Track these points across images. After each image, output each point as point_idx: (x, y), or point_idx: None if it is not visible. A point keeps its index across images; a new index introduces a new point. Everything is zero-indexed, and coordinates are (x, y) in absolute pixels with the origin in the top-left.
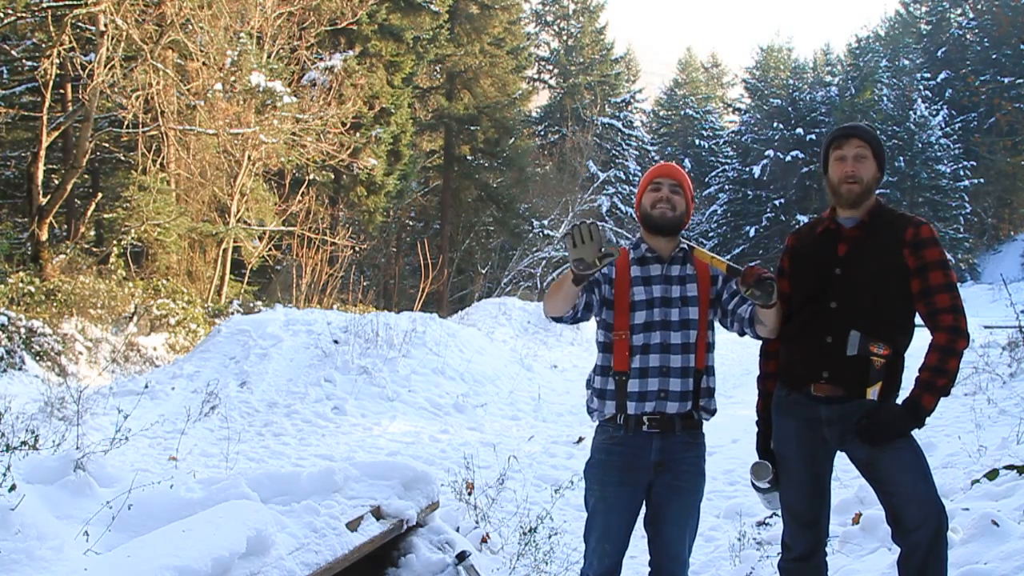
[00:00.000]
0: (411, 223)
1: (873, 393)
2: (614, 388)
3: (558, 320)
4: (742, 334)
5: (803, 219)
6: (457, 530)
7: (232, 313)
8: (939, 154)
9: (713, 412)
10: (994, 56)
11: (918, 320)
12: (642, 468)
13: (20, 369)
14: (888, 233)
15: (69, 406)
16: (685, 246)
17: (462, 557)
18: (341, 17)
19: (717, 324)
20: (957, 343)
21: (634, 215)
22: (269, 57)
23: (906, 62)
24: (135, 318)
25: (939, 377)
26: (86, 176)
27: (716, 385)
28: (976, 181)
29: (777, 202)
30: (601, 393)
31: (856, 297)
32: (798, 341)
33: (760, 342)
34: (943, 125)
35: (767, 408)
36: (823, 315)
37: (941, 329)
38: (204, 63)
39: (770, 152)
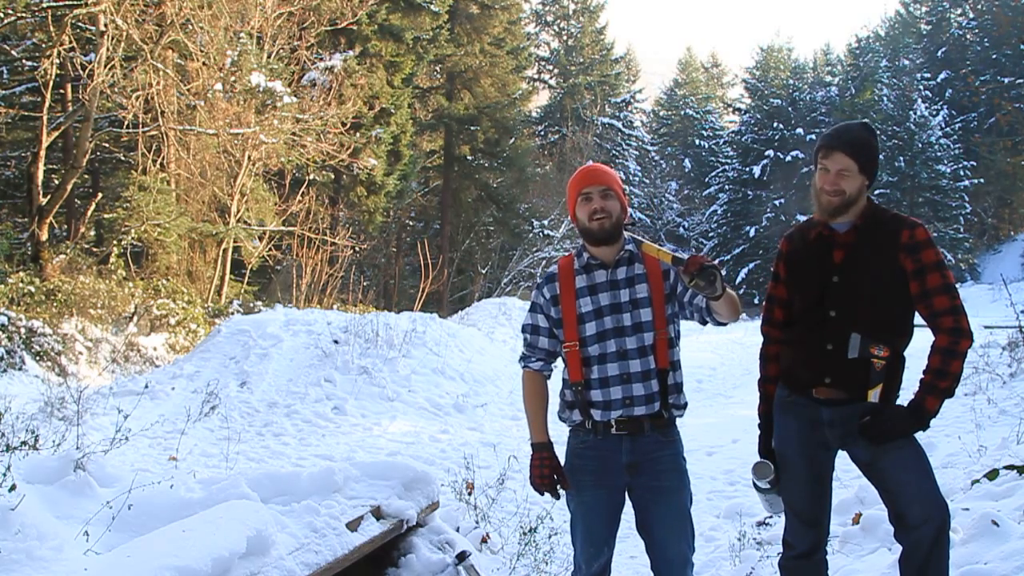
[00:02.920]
0: (411, 223)
1: (874, 396)
2: (577, 398)
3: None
4: (704, 323)
5: (803, 219)
6: (457, 530)
7: (232, 313)
8: (939, 154)
9: (683, 407)
10: (994, 56)
11: (918, 319)
12: (614, 470)
13: (20, 369)
14: (883, 237)
15: (69, 406)
16: (631, 246)
17: (462, 557)
18: (341, 17)
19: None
20: (959, 344)
21: (633, 215)
22: (269, 57)
23: (906, 62)
24: (135, 318)
25: (941, 380)
26: (86, 176)
27: (683, 379)
28: (976, 181)
29: (777, 202)
30: (570, 404)
31: (855, 304)
32: (799, 347)
33: (760, 344)
34: (943, 125)
35: (768, 411)
36: (823, 323)
37: (942, 331)
38: (204, 63)
39: (770, 152)
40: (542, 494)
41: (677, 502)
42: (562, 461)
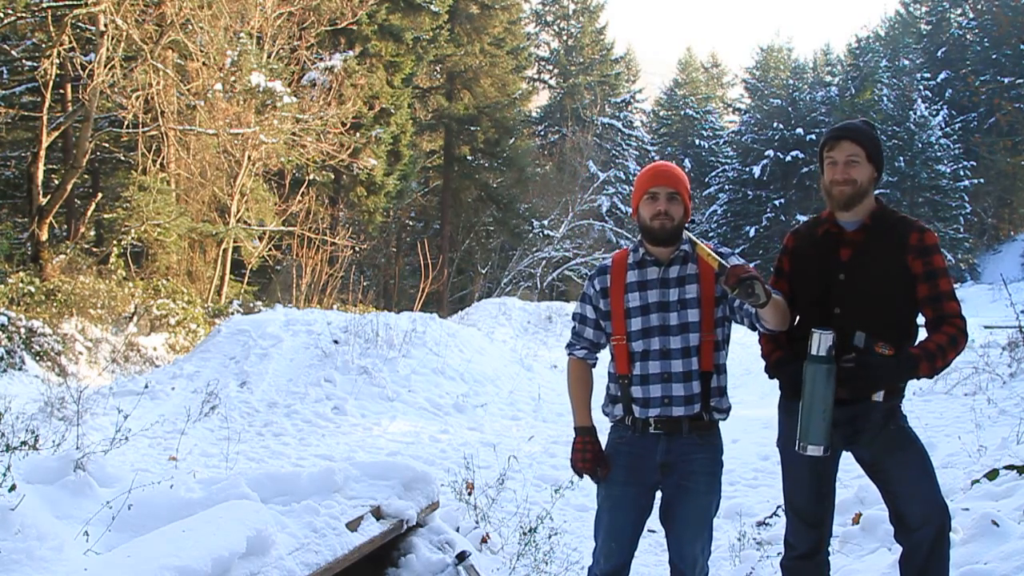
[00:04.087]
0: (411, 223)
1: (878, 395)
2: (620, 393)
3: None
4: (754, 329)
5: (803, 219)
6: (457, 530)
7: (232, 313)
8: (939, 154)
9: (726, 410)
10: (994, 56)
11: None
12: (647, 469)
13: (20, 369)
14: (891, 237)
15: (69, 406)
16: (687, 246)
17: (462, 557)
18: (341, 17)
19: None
20: (960, 341)
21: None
22: (269, 57)
23: (906, 62)
24: (135, 318)
25: (941, 357)
26: (86, 176)
27: (727, 382)
28: (976, 181)
29: (777, 202)
30: (613, 398)
31: (860, 303)
32: (802, 345)
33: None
34: (943, 125)
35: (781, 359)
36: (827, 321)
37: (954, 327)
38: (204, 63)
39: (770, 152)
40: (581, 477)
41: (700, 505)
42: None
